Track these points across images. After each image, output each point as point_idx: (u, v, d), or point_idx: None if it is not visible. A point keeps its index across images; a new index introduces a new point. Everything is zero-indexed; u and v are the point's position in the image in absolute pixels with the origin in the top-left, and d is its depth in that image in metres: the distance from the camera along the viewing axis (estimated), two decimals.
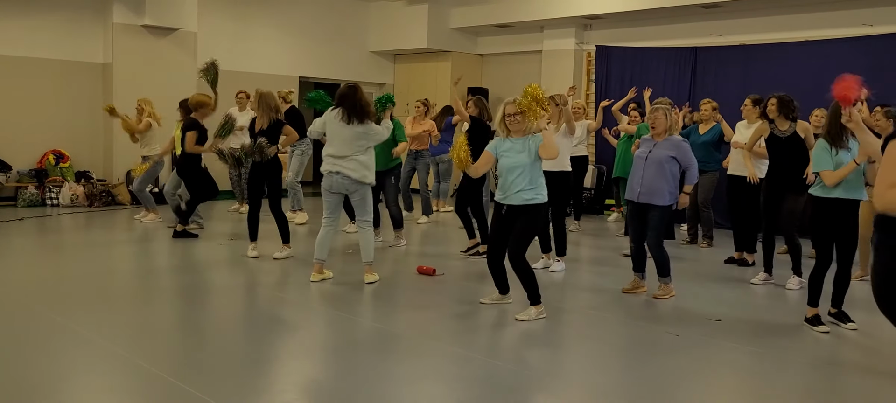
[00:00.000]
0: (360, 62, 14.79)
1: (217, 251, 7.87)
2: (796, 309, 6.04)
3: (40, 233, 8.98)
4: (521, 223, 5.34)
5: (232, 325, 5.30)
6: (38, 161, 11.46)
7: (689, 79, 11.19)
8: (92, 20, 11.78)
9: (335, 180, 6.30)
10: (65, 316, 5.19)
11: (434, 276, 6.83)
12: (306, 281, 6.57)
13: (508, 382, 4.23)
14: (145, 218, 9.74)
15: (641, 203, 6.11)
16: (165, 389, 3.88)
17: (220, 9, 12.95)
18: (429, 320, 5.49)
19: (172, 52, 12.05)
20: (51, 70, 11.50)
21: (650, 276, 6.40)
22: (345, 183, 6.29)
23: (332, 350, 4.75)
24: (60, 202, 11.07)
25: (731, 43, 11.01)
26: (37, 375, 4.02)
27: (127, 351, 4.46)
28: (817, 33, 10.18)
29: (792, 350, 4.94)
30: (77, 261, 7.34)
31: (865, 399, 4.15)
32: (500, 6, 13.16)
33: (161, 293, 6.20)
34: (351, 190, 6.31)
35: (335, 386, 4.08)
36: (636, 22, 12.06)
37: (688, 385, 4.24)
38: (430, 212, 10.53)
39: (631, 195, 6.17)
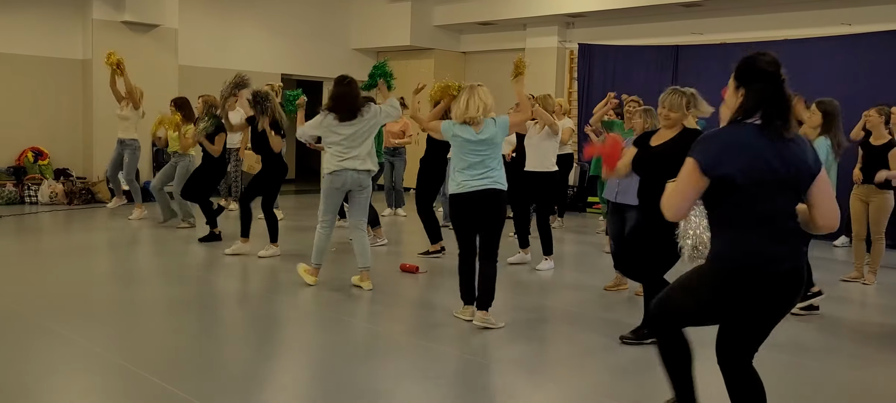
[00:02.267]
0: (343, 59, 14.74)
1: (202, 251, 7.82)
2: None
3: (19, 232, 8.88)
4: (491, 218, 5.12)
5: (217, 325, 5.26)
6: (17, 158, 11.33)
7: (670, 77, 11.24)
8: (71, 16, 11.66)
9: (349, 176, 6.04)
10: (44, 315, 5.14)
11: (417, 274, 6.83)
12: (292, 281, 6.54)
13: (492, 380, 4.24)
14: (132, 215, 9.67)
15: (619, 202, 6.14)
16: (148, 389, 3.86)
17: (201, 5, 12.86)
18: (414, 318, 5.49)
19: (153, 48, 11.95)
20: (30, 66, 11.37)
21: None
22: (358, 177, 6.06)
23: (317, 348, 4.74)
24: (39, 200, 10.95)
25: (712, 41, 11.09)
26: (15, 374, 3.98)
27: (108, 352, 4.42)
28: (797, 32, 10.27)
29: (772, 346, 4.98)
30: (56, 260, 7.27)
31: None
32: (483, 4, 13.17)
33: (143, 293, 6.15)
34: (364, 184, 6.10)
35: (318, 386, 4.07)
36: (618, 20, 12.11)
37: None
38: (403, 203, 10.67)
39: (609, 195, 6.19)
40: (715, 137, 2.76)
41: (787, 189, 2.74)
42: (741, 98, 2.76)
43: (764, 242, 2.71)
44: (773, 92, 2.72)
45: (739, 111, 2.76)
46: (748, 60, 2.80)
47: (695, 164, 2.70)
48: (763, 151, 2.68)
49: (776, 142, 2.70)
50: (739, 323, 2.87)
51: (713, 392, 3.38)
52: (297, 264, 6.45)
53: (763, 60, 2.77)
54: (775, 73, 2.74)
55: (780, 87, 2.73)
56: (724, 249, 2.79)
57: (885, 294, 6.85)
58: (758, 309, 2.80)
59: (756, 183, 2.67)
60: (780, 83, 2.74)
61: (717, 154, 2.69)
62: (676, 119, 4.64)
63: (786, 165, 2.69)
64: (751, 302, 2.77)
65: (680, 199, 2.75)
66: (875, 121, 6.91)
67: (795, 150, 2.73)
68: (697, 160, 2.69)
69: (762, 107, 2.72)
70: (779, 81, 2.73)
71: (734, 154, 2.68)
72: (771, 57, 2.78)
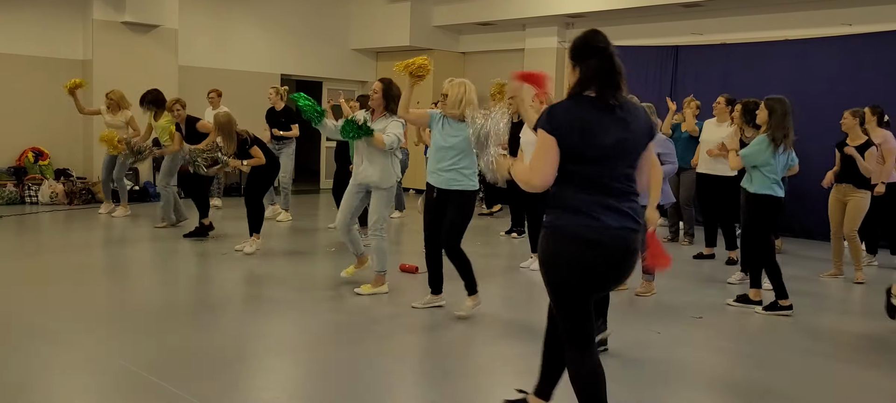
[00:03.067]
0: (342, 60, 14.75)
1: (197, 248, 7.83)
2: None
3: (19, 232, 8.88)
4: (451, 211, 5.28)
5: (213, 323, 5.26)
6: (17, 158, 11.33)
7: (670, 77, 11.26)
8: (71, 16, 11.67)
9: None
10: (43, 314, 5.15)
11: (417, 274, 6.83)
12: (286, 278, 6.56)
13: (492, 379, 4.25)
14: (115, 213, 9.75)
15: None
16: (148, 389, 3.86)
17: (201, 6, 12.86)
18: (413, 318, 5.49)
19: (152, 49, 11.95)
20: (30, 67, 11.37)
21: (632, 274, 6.44)
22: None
23: (314, 347, 4.74)
24: (39, 200, 10.95)
25: (711, 42, 11.09)
26: (14, 374, 3.99)
27: (108, 352, 4.43)
28: (797, 32, 10.27)
29: (771, 345, 4.99)
30: (56, 260, 7.27)
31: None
32: (482, 4, 13.17)
33: (143, 293, 6.16)
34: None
35: (316, 384, 4.08)
36: (618, 20, 12.10)
37: (670, 383, 4.27)
38: (403, 208, 10.62)
39: None
40: (555, 108, 2.94)
41: (617, 157, 2.92)
42: (577, 74, 2.96)
43: (595, 208, 2.88)
44: (605, 66, 2.92)
45: (576, 85, 2.96)
46: (580, 39, 3.01)
47: (545, 132, 2.88)
48: (594, 122, 2.88)
49: (608, 113, 2.90)
50: (582, 287, 2.98)
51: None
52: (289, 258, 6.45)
53: (595, 38, 2.97)
54: (605, 49, 2.94)
55: (611, 61, 2.93)
56: (558, 217, 2.94)
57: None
58: (590, 272, 2.92)
59: (589, 150, 2.86)
60: (610, 57, 2.94)
61: (559, 122, 2.88)
62: None
63: (616, 134, 2.89)
64: (584, 265, 2.91)
65: (544, 165, 2.88)
66: (849, 123, 7.06)
67: (628, 120, 2.94)
68: (546, 128, 2.88)
69: (596, 81, 2.91)
70: (609, 56, 2.94)
71: (572, 123, 2.88)
72: (602, 35, 2.99)
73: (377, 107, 5.93)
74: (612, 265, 2.94)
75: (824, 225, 9.24)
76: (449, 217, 5.30)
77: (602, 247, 2.88)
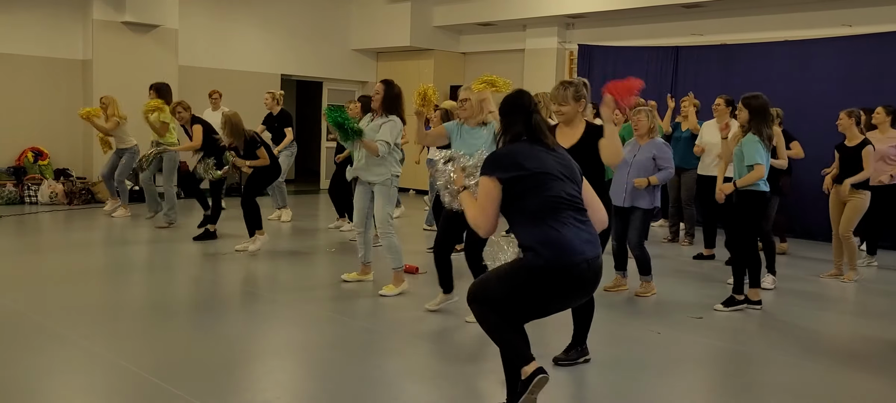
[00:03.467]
0: (343, 60, 14.75)
1: (199, 249, 7.82)
2: (773, 305, 6.11)
3: (19, 232, 8.87)
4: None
5: (214, 324, 5.26)
6: (17, 158, 11.33)
7: (670, 78, 11.25)
8: (71, 16, 11.67)
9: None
10: (43, 314, 5.14)
11: (417, 274, 6.83)
12: (287, 278, 6.56)
13: (491, 380, 4.24)
14: (115, 213, 9.76)
15: (625, 206, 6.20)
16: (148, 389, 3.86)
17: (202, 6, 12.86)
18: (412, 318, 5.48)
19: (153, 49, 11.95)
20: (30, 66, 11.37)
21: (632, 275, 6.45)
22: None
23: (315, 348, 4.74)
24: (39, 200, 10.95)
25: (711, 42, 11.09)
26: (15, 374, 3.98)
27: (108, 352, 4.42)
28: (797, 33, 10.28)
29: (771, 346, 4.99)
30: (56, 260, 7.27)
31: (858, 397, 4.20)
32: (482, 4, 13.17)
33: (143, 293, 6.16)
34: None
35: (318, 385, 4.07)
36: (618, 21, 12.11)
37: (669, 382, 4.26)
38: (399, 205, 10.66)
39: (617, 199, 6.19)
40: (501, 152, 3.34)
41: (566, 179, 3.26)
42: (507, 126, 3.41)
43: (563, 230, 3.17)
44: (527, 121, 3.35)
45: (507, 136, 3.39)
46: (506, 100, 3.46)
47: (489, 178, 3.20)
48: (540, 152, 3.29)
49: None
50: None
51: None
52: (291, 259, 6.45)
53: (520, 99, 3.41)
54: (528, 107, 3.37)
55: (530, 119, 3.34)
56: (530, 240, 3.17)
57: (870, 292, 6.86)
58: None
59: (541, 173, 3.20)
60: (530, 115, 3.35)
61: (510, 162, 3.23)
62: (570, 113, 4.29)
63: (559, 165, 3.29)
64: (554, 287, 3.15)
65: (483, 214, 3.21)
66: (846, 123, 7.05)
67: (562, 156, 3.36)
68: (491, 175, 3.21)
69: (525, 133, 3.34)
70: (530, 114, 3.35)
71: (522, 156, 3.25)
72: (526, 96, 3.44)
73: (378, 108, 5.97)
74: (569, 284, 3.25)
75: (824, 225, 9.28)
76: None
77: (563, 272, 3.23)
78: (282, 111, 9.87)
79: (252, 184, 7.62)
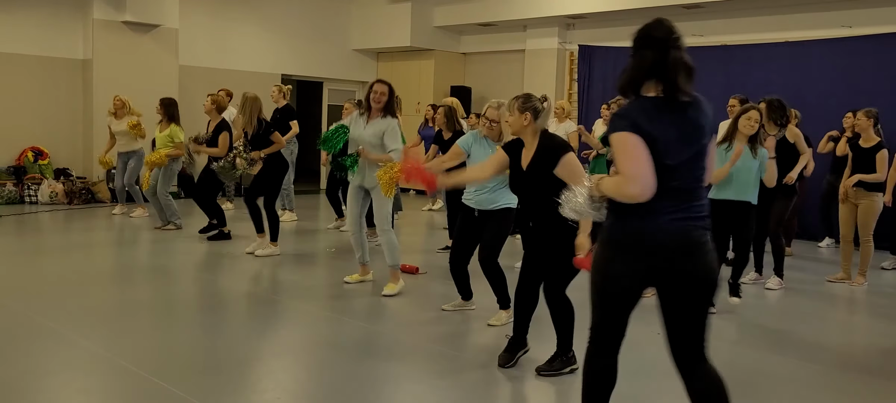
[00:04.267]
0: (343, 60, 14.75)
1: (202, 250, 7.82)
2: (777, 307, 6.11)
3: (19, 232, 8.87)
4: (492, 227, 5.16)
5: (217, 325, 5.26)
6: (17, 158, 11.33)
7: None
8: (71, 16, 11.66)
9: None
10: (44, 314, 5.14)
11: (417, 275, 6.83)
12: (287, 279, 6.56)
13: (491, 381, 4.24)
14: (134, 213, 9.73)
15: None
16: (148, 389, 3.86)
17: (202, 6, 12.86)
18: (412, 319, 5.49)
19: (153, 49, 11.95)
20: (30, 66, 11.36)
21: None
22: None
23: (315, 349, 4.74)
24: (39, 200, 10.95)
25: (712, 43, 11.08)
26: (15, 374, 3.98)
27: (108, 352, 4.42)
28: (797, 34, 10.28)
29: (772, 347, 4.99)
30: (56, 260, 7.27)
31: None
32: (483, 5, 13.16)
33: (143, 293, 6.15)
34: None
35: (318, 385, 4.07)
36: (619, 21, 12.10)
37: (670, 383, 4.26)
38: (400, 208, 10.62)
39: None
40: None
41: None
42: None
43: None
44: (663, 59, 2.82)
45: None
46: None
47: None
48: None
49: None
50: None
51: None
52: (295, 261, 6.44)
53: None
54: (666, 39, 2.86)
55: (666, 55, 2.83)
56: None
57: (874, 294, 6.86)
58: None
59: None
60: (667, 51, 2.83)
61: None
62: (518, 124, 4.09)
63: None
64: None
65: (639, 167, 2.64)
66: (864, 123, 6.98)
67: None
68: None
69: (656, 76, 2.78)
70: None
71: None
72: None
73: (379, 110, 5.92)
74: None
75: (824, 225, 9.28)
76: (490, 232, 5.16)
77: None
78: (287, 105, 9.84)
79: (266, 184, 7.47)
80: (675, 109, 2.73)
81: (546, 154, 4.01)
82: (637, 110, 2.75)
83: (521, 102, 4.08)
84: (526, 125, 4.06)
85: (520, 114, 4.06)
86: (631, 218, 2.73)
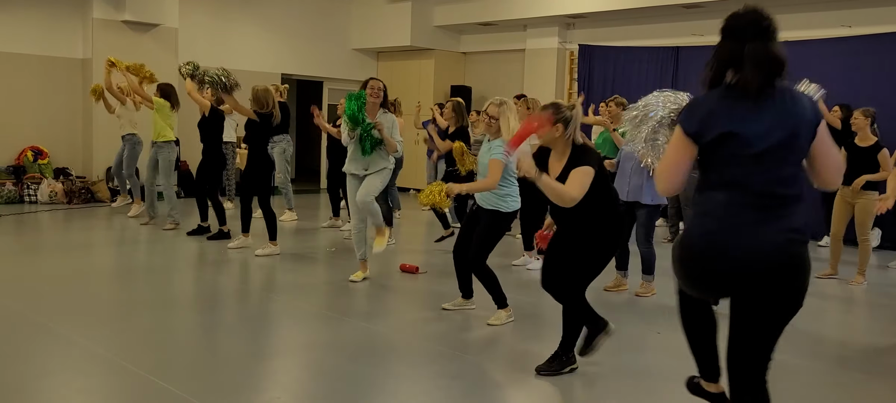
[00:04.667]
0: (343, 60, 14.74)
1: (202, 249, 7.82)
2: None
3: (18, 231, 8.87)
4: (482, 228, 5.17)
5: (217, 325, 5.26)
6: (16, 157, 11.32)
7: (670, 78, 11.24)
8: (71, 15, 11.66)
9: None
10: (43, 315, 5.14)
11: (417, 274, 6.83)
12: (291, 280, 6.55)
13: (491, 380, 4.24)
14: (131, 211, 9.72)
15: (629, 201, 6.17)
16: (148, 389, 3.85)
17: (202, 5, 12.85)
18: (412, 319, 5.48)
19: (153, 48, 11.94)
20: (29, 65, 11.36)
21: (632, 274, 6.44)
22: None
23: (315, 348, 4.73)
24: (39, 199, 10.94)
25: (712, 42, 11.01)
26: (15, 374, 3.98)
27: (108, 351, 4.42)
28: (797, 34, 10.26)
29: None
30: (56, 260, 7.26)
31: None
32: (483, 4, 13.16)
33: (142, 291, 6.15)
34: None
35: (318, 385, 4.07)
36: (619, 21, 12.11)
37: (669, 383, 4.26)
38: (399, 207, 10.63)
39: (621, 195, 6.18)
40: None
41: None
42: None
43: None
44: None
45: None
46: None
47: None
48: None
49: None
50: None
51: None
52: (293, 261, 6.45)
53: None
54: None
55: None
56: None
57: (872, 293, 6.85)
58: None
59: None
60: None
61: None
62: (550, 136, 4.05)
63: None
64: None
65: (665, 163, 2.64)
66: (862, 123, 6.99)
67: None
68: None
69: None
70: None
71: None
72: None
73: (376, 103, 6.12)
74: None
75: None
76: (479, 232, 5.18)
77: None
78: (281, 104, 9.82)
79: (258, 183, 7.47)
80: (755, 100, 2.53)
81: (578, 164, 3.96)
82: (702, 102, 2.65)
83: (552, 113, 4.02)
84: (558, 136, 4.02)
85: (552, 126, 4.00)
86: (703, 217, 2.58)
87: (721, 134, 2.52)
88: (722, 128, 2.52)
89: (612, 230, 4.09)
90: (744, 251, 2.50)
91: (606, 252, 4.12)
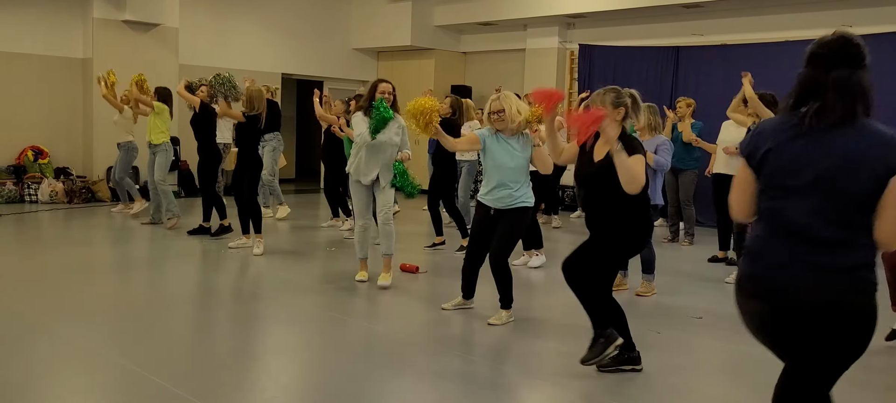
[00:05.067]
0: (344, 59, 14.75)
1: (197, 246, 7.82)
2: None
3: (19, 231, 8.87)
4: (505, 225, 5.16)
5: (217, 324, 5.26)
6: (17, 157, 11.33)
7: (670, 78, 11.26)
8: (71, 15, 11.66)
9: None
10: (44, 315, 5.14)
11: (417, 274, 6.83)
12: (287, 277, 6.55)
13: (491, 381, 4.24)
14: (131, 211, 9.73)
15: None
16: (148, 389, 3.85)
17: (202, 4, 12.86)
18: (412, 318, 5.49)
19: (153, 48, 11.95)
20: (30, 65, 11.37)
21: (631, 274, 6.44)
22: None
23: (315, 348, 4.74)
24: (39, 199, 10.95)
25: (712, 42, 11.09)
26: (14, 374, 3.98)
27: (107, 351, 4.42)
28: (798, 33, 10.27)
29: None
30: (56, 259, 7.27)
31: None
32: (483, 4, 13.17)
33: (143, 292, 6.15)
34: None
35: (318, 385, 4.07)
36: (619, 21, 12.12)
37: (669, 383, 4.26)
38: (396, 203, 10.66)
39: None
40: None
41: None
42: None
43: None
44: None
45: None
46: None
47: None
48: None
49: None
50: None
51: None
52: (293, 258, 6.45)
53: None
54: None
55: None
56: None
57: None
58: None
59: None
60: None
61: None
62: (610, 118, 4.00)
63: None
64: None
65: (732, 192, 2.48)
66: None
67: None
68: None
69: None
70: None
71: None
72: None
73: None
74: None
75: None
76: (503, 230, 5.15)
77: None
78: (270, 102, 9.82)
79: (246, 180, 7.51)
80: (821, 132, 2.35)
81: (633, 152, 3.93)
82: (765, 123, 2.48)
83: (614, 97, 4.01)
84: (619, 120, 4.01)
85: (614, 109, 3.99)
86: (750, 254, 2.41)
87: (765, 152, 2.37)
88: (767, 146, 2.37)
89: (644, 225, 4.16)
90: (770, 291, 2.38)
91: (634, 247, 4.21)
